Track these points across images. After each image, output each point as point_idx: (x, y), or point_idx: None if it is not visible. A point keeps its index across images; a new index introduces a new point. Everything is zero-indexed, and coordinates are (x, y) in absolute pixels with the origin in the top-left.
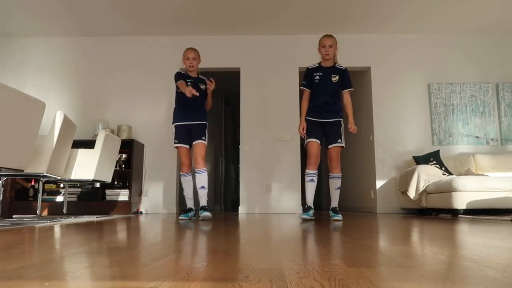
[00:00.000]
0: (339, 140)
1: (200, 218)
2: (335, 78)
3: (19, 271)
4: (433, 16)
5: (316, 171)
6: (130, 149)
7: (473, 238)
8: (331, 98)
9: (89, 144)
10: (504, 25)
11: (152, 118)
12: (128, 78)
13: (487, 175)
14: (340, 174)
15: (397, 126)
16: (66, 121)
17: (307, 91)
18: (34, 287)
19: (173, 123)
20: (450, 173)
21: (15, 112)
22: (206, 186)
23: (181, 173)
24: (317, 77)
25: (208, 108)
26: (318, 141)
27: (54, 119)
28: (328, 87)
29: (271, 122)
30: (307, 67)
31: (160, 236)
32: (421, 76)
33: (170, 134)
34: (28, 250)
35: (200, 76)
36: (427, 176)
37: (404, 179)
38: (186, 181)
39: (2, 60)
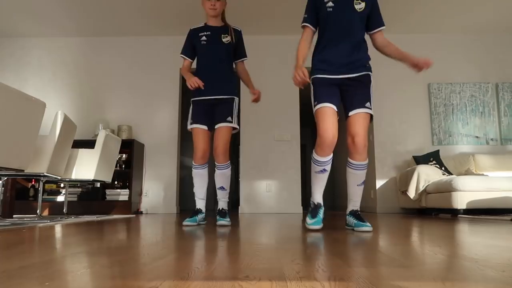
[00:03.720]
0: (368, 104)
1: (217, 224)
2: (360, 5)
3: (19, 271)
4: (433, 16)
5: (331, 157)
6: (130, 149)
7: (473, 238)
8: (354, 39)
9: (90, 144)
10: (504, 25)
11: (152, 118)
12: (129, 78)
13: (486, 175)
14: (367, 162)
15: (397, 126)
16: (66, 121)
17: (309, 29)
18: (34, 287)
19: (191, 98)
20: (450, 173)
21: (16, 112)
22: (227, 186)
23: (193, 163)
24: (330, 3)
25: (246, 78)
26: (335, 107)
27: (54, 119)
28: (351, 20)
29: (271, 122)
30: None
31: (160, 236)
32: (421, 76)
33: (170, 135)
34: (29, 250)
35: (227, 25)
36: (427, 176)
37: (404, 179)
38: (199, 176)
39: (2, 60)
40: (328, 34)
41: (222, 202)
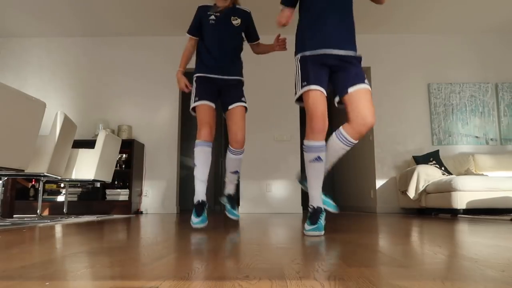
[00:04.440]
0: (366, 81)
1: (228, 215)
2: None
3: (20, 270)
4: (433, 16)
5: (324, 143)
6: (130, 149)
7: (473, 238)
8: (344, 14)
9: (90, 144)
10: (503, 25)
11: (152, 118)
12: (129, 78)
13: (486, 175)
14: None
15: (397, 126)
16: (66, 121)
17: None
18: (35, 287)
19: (194, 73)
20: (449, 173)
21: (16, 112)
22: (240, 170)
23: (197, 140)
24: None
25: (267, 52)
26: (324, 91)
27: (54, 119)
28: None
29: (271, 122)
30: None
31: (160, 236)
32: (421, 76)
33: (170, 135)
34: (29, 250)
35: (237, 6)
36: (426, 176)
37: (404, 179)
38: (203, 153)
39: (2, 60)
40: (316, 8)
41: (233, 186)
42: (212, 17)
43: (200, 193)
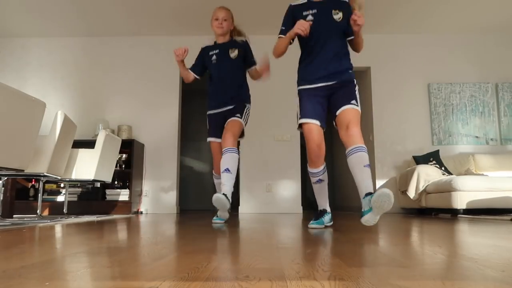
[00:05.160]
0: (353, 101)
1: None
2: (338, 15)
3: (19, 270)
4: (433, 16)
5: (323, 167)
6: (130, 149)
7: (472, 238)
8: (335, 48)
9: (90, 144)
10: (503, 25)
11: (152, 118)
12: (128, 78)
13: (486, 175)
14: (365, 147)
15: (397, 126)
16: (66, 121)
17: (283, 40)
18: (34, 287)
19: (208, 111)
20: (449, 173)
21: (16, 112)
22: (232, 169)
23: (214, 173)
24: (310, 16)
25: (260, 78)
26: (319, 123)
27: (54, 119)
28: (330, 30)
29: (271, 122)
30: (290, 4)
31: (160, 236)
32: (421, 76)
33: (171, 135)
34: (29, 250)
35: (234, 39)
36: (426, 176)
37: (404, 179)
38: (219, 184)
39: (2, 60)
40: (309, 46)
41: (226, 187)
42: (214, 57)
43: (224, 190)
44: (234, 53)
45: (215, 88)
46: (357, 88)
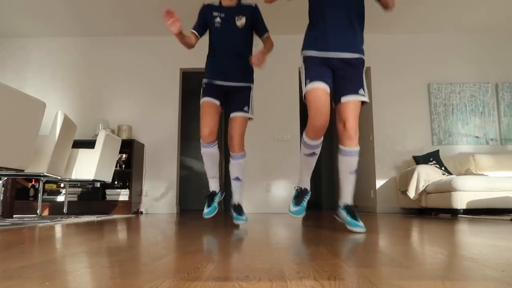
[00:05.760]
0: (361, 91)
1: (234, 221)
2: None
3: (20, 270)
4: (433, 16)
5: (321, 140)
6: (130, 149)
7: (472, 238)
8: (352, 15)
9: (90, 144)
10: (504, 25)
11: (152, 118)
12: (128, 78)
13: (486, 175)
14: (358, 149)
15: (397, 126)
16: (66, 121)
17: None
18: (34, 287)
19: (204, 80)
20: (449, 173)
21: (16, 112)
22: (242, 177)
23: (201, 142)
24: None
25: (268, 51)
26: (327, 88)
27: (54, 119)
28: None
29: (271, 122)
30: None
31: (160, 236)
32: (421, 76)
33: (171, 135)
34: (29, 250)
35: (242, 3)
36: (426, 176)
37: (404, 179)
38: (208, 155)
39: (2, 60)
40: (323, 8)
41: (238, 196)
42: (218, 19)
43: (211, 186)
44: (240, 21)
45: (217, 59)
46: (364, 70)
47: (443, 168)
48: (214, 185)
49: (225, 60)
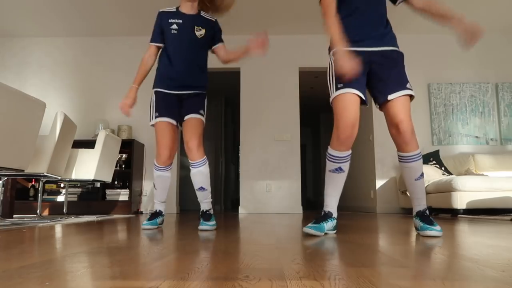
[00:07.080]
0: (408, 85)
1: (199, 228)
2: None
3: (19, 270)
4: None
5: (349, 152)
6: (130, 149)
7: (472, 238)
8: (381, 9)
9: (90, 144)
10: (504, 25)
11: None
12: (128, 78)
13: (486, 175)
14: (419, 151)
15: None
16: (66, 121)
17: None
18: (34, 287)
19: (153, 88)
20: (449, 173)
21: (16, 112)
22: (207, 186)
23: (156, 164)
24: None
25: (234, 59)
26: (360, 93)
27: (54, 119)
28: None
29: (271, 122)
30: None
31: (160, 236)
32: (421, 76)
33: None
34: (29, 250)
35: (202, 15)
36: (426, 176)
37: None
38: (163, 179)
39: (2, 60)
40: (354, 1)
41: (205, 204)
42: (174, 26)
43: (158, 206)
44: (200, 32)
45: (172, 67)
46: (404, 61)
47: (443, 168)
48: (160, 206)
49: (181, 67)
